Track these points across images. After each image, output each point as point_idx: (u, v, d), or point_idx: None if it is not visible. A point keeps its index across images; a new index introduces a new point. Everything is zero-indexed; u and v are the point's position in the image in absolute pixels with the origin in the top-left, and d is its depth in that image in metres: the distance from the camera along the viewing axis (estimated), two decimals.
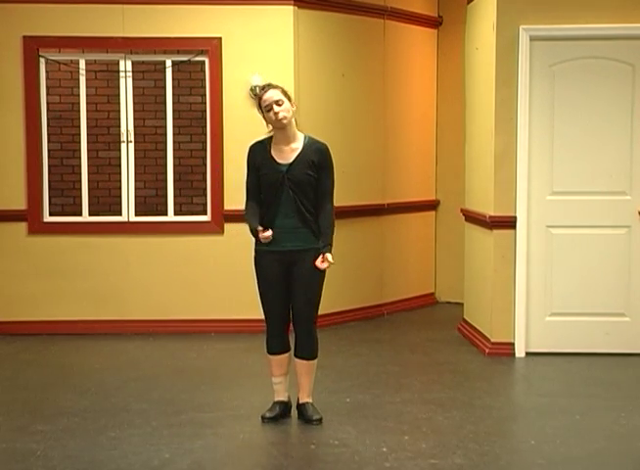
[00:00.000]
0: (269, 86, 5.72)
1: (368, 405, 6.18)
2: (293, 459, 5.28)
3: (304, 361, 5.79)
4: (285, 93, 5.67)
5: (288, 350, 5.87)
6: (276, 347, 5.85)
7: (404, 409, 6.10)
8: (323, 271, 5.72)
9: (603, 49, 7.45)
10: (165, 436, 5.52)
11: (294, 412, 5.94)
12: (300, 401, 5.85)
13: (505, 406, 6.32)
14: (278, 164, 5.63)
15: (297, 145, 5.68)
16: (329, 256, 5.69)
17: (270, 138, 5.72)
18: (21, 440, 5.46)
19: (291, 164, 5.62)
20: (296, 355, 5.81)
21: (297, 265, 5.68)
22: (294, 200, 5.61)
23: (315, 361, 5.83)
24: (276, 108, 5.57)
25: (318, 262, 5.66)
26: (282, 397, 5.90)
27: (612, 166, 7.45)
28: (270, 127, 5.69)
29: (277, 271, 5.69)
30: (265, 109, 5.60)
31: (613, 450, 5.26)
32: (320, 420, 5.74)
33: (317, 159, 5.68)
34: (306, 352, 5.78)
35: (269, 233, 5.56)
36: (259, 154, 5.69)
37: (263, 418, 5.80)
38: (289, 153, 5.65)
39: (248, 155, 5.77)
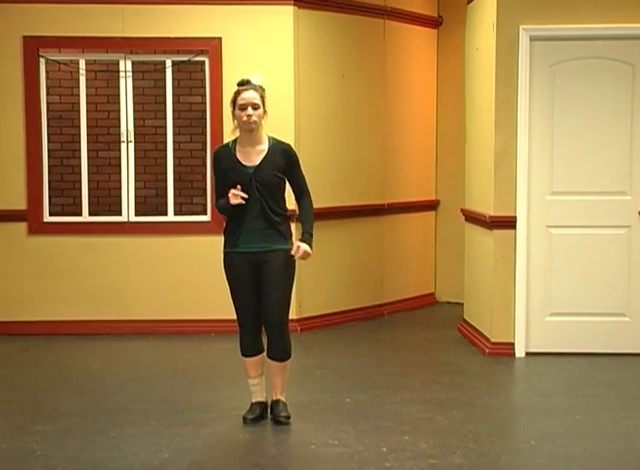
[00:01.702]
0: (249, 85, 5.65)
1: (368, 405, 6.18)
2: (292, 459, 5.28)
3: (278, 363, 5.76)
4: (262, 98, 5.63)
5: (262, 351, 5.83)
6: (250, 349, 5.80)
7: (404, 409, 6.10)
8: (292, 270, 5.70)
9: (603, 49, 7.45)
10: (165, 436, 5.52)
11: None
12: (274, 398, 5.84)
13: (505, 406, 6.32)
14: (244, 166, 5.58)
15: (263, 147, 5.61)
16: (305, 245, 5.63)
17: (235, 141, 5.66)
18: (20, 440, 5.46)
19: (257, 167, 5.57)
20: (269, 357, 5.77)
21: (266, 266, 5.63)
22: (260, 202, 5.56)
23: (289, 361, 5.81)
24: (250, 110, 5.52)
25: (294, 250, 5.62)
26: (260, 397, 5.87)
27: (612, 166, 7.44)
28: (235, 125, 5.63)
29: (246, 272, 5.66)
30: (240, 106, 5.54)
31: (613, 450, 5.26)
32: (288, 418, 5.72)
33: (284, 160, 5.63)
34: (279, 353, 5.75)
35: (240, 193, 5.49)
36: (225, 158, 5.62)
37: (245, 419, 5.77)
38: (254, 155, 5.59)
39: (213, 159, 5.76)
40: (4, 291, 8.49)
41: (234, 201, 5.50)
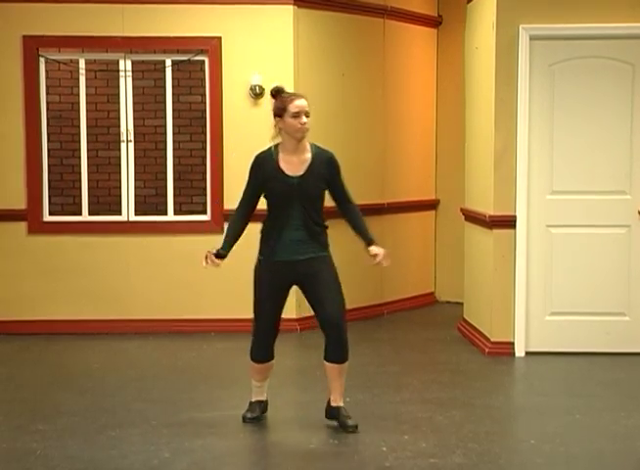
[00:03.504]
0: (295, 95, 5.51)
1: (368, 405, 6.18)
2: (292, 459, 5.28)
3: (337, 365, 5.58)
4: None
5: (272, 359, 5.76)
6: (263, 356, 5.73)
7: (404, 409, 6.10)
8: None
9: (603, 48, 7.45)
10: (165, 435, 5.51)
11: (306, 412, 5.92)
12: (333, 404, 5.65)
13: (505, 406, 6.32)
14: (287, 176, 5.44)
15: (307, 156, 5.48)
16: (382, 249, 5.74)
17: (276, 147, 5.54)
18: (20, 439, 5.46)
19: (302, 177, 5.45)
20: (328, 360, 5.58)
21: (315, 274, 5.57)
22: (303, 213, 5.48)
23: (347, 364, 5.62)
24: (304, 118, 5.39)
25: (379, 258, 5.70)
26: (262, 397, 5.85)
27: (612, 166, 7.45)
28: (276, 133, 5.51)
29: (279, 283, 5.59)
30: (293, 114, 5.38)
31: (612, 450, 5.26)
32: (357, 427, 5.53)
33: (328, 170, 5.53)
34: (340, 355, 5.55)
35: (217, 262, 5.70)
36: (267, 165, 5.49)
37: (245, 419, 5.74)
38: (299, 164, 5.46)
39: (253, 165, 5.57)
40: (4, 290, 8.49)
41: (207, 264, 5.69)
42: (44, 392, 6.59)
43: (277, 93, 5.51)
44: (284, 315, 8.60)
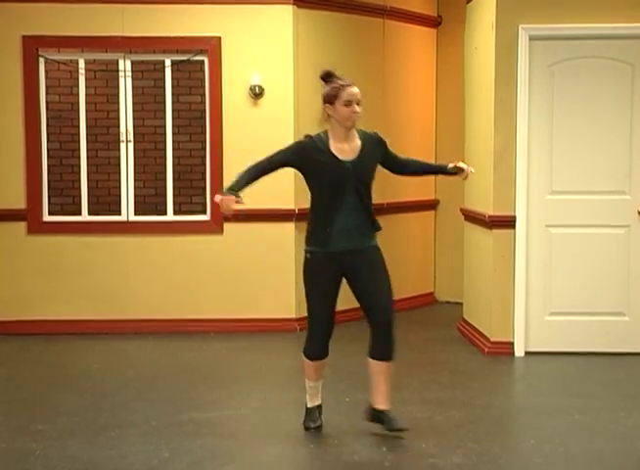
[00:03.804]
0: (347, 82, 5.34)
1: (367, 405, 6.17)
2: (291, 460, 5.29)
3: (384, 363, 5.45)
4: None
5: (327, 356, 5.63)
6: (319, 353, 5.58)
7: (404, 409, 6.09)
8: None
9: (602, 48, 7.45)
10: (165, 435, 5.52)
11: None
12: (378, 408, 5.49)
13: (504, 406, 6.32)
14: (341, 161, 5.31)
15: (357, 142, 5.38)
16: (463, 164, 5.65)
17: (325, 133, 5.39)
18: (20, 439, 5.46)
19: (356, 161, 5.33)
20: (375, 357, 5.46)
21: (367, 265, 5.41)
22: (357, 199, 5.35)
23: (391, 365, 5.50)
24: (357, 107, 5.30)
25: (466, 171, 5.60)
26: (318, 401, 5.70)
27: (611, 166, 7.45)
28: (323, 119, 5.38)
29: (332, 276, 5.41)
30: (345, 102, 5.27)
31: (612, 450, 5.26)
32: (406, 429, 5.41)
33: (379, 150, 5.44)
34: (388, 352, 5.44)
35: (237, 199, 5.38)
36: (318, 148, 5.32)
37: (308, 428, 5.58)
38: (350, 151, 5.34)
39: (299, 144, 5.43)
40: (3, 290, 8.50)
41: (226, 208, 5.36)
42: (44, 392, 6.60)
43: (328, 77, 5.37)
44: (284, 315, 8.68)
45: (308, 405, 5.70)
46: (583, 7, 7.40)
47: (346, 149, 5.35)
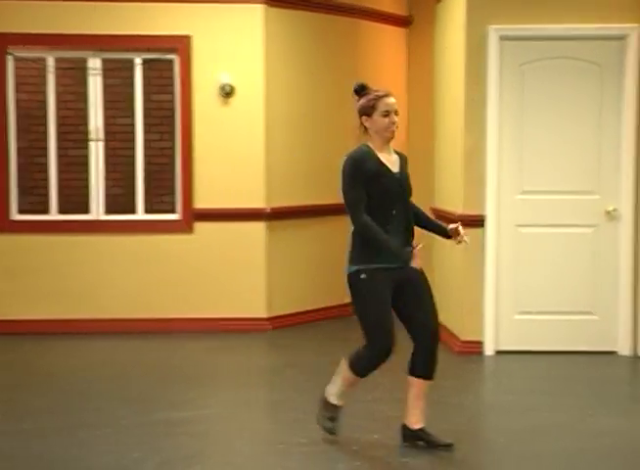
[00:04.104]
0: (384, 92, 5.18)
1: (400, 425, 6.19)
2: (262, 458, 5.29)
3: (427, 381, 5.28)
4: None
5: None
6: (372, 373, 5.35)
7: (375, 408, 6.13)
8: None
9: (572, 49, 7.51)
10: (136, 435, 5.51)
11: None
12: (414, 427, 5.27)
13: (475, 404, 6.36)
14: (392, 172, 5.17)
15: (394, 155, 5.27)
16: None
17: (367, 146, 5.20)
18: None
19: (401, 173, 5.22)
20: (418, 375, 5.24)
21: (414, 279, 5.20)
22: (405, 212, 5.20)
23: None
24: (395, 117, 5.14)
25: (462, 233, 5.29)
26: (343, 401, 5.45)
27: (580, 166, 7.51)
28: (361, 133, 5.22)
29: (389, 293, 5.15)
30: (383, 112, 5.11)
31: (580, 448, 5.30)
32: (452, 445, 5.23)
33: (406, 169, 5.33)
34: (432, 369, 5.26)
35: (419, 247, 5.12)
36: (371, 161, 5.12)
37: (331, 431, 5.39)
38: (393, 162, 5.21)
39: (355, 164, 5.15)
40: None
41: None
42: (14, 392, 6.57)
43: (362, 90, 5.23)
44: (255, 315, 8.69)
45: (337, 403, 5.42)
46: (553, 8, 7.46)
47: (391, 160, 5.21)
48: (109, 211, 8.67)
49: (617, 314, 7.60)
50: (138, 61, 8.57)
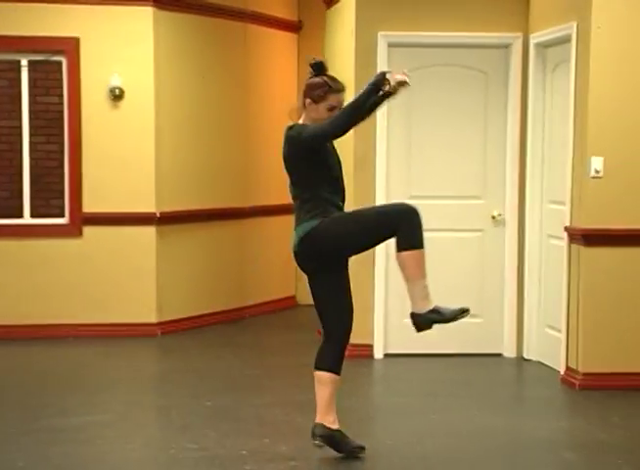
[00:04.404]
0: (340, 86, 5.13)
1: (229, 409, 6.21)
2: (152, 463, 5.28)
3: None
4: None
5: None
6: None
7: (265, 412, 6.15)
8: None
9: (458, 56, 7.67)
10: (21, 443, 5.42)
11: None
12: (335, 427, 5.22)
13: (364, 407, 6.43)
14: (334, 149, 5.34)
15: None
16: None
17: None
18: None
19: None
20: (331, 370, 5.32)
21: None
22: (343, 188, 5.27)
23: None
24: (337, 112, 5.07)
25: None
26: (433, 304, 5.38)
27: (467, 172, 7.66)
28: (299, 112, 5.15)
29: None
30: (329, 106, 5.08)
31: (465, 448, 5.42)
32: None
33: None
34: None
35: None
36: None
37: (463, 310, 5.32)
38: None
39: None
40: None
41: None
42: None
43: (320, 69, 5.15)
44: (144, 320, 8.61)
45: (429, 307, 5.32)
46: (441, 16, 7.59)
47: None
48: None
49: (502, 318, 7.79)
50: (24, 62, 8.43)
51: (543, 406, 6.55)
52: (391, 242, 5.28)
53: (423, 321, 5.19)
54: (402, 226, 4.97)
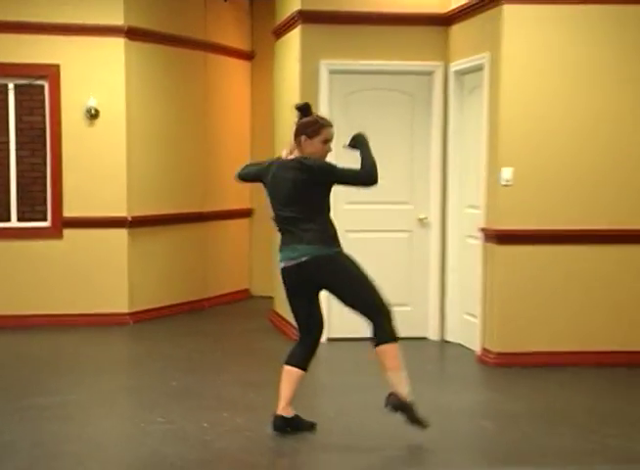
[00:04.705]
0: (328, 121, 5.17)
1: (192, 387, 6.20)
2: (123, 436, 5.27)
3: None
4: None
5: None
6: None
7: (224, 390, 6.15)
8: None
9: (389, 81, 7.72)
10: (7, 420, 5.37)
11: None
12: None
13: (310, 385, 6.38)
14: None
15: None
16: None
17: None
18: None
19: None
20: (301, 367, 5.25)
21: None
22: None
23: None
24: (330, 146, 5.13)
25: None
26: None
27: (397, 180, 7.70)
28: (294, 149, 5.10)
29: None
30: (324, 139, 5.09)
31: (397, 418, 5.39)
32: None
33: None
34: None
35: None
36: None
37: (424, 424, 4.97)
38: None
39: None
40: None
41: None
42: None
43: (306, 110, 5.15)
44: (118, 310, 8.55)
45: (408, 400, 4.98)
46: (375, 47, 7.62)
47: None
48: None
49: (427, 306, 7.85)
50: (11, 86, 8.35)
51: (462, 382, 6.63)
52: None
53: (396, 405, 5.00)
54: (383, 318, 5.04)
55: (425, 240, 7.81)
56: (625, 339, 6.91)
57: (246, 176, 5.47)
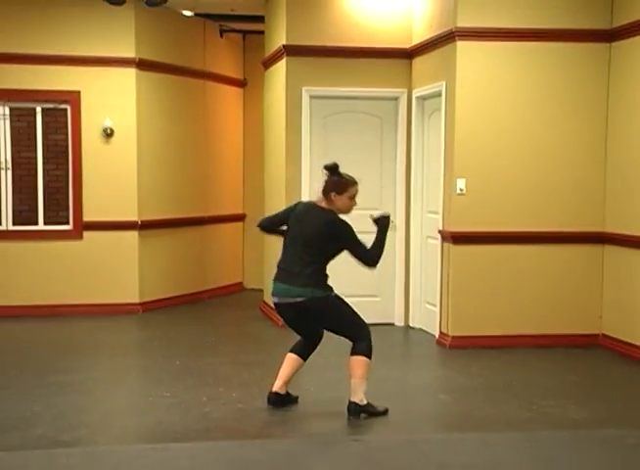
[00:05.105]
0: (354, 179, 5.00)
1: (193, 367, 6.13)
2: (132, 406, 5.20)
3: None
4: None
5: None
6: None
7: (220, 369, 6.09)
8: None
9: (361, 106, 7.67)
10: (35, 394, 5.31)
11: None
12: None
13: None
14: None
15: None
16: None
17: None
18: None
19: None
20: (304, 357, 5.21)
21: None
22: None
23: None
24: (356, 201, 5.00)
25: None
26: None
27: (367, 189, 7.54)
28: (328, 204, 4.95)
29: None
30: (350, 195, 4.96)
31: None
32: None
33: None
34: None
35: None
36: None
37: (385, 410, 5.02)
38: None
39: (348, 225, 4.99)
40: None
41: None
42: None
43: (335, 170, 5.02)
44: (130, 300, 8.47)
45: (379, 408, 5.01)
46: (348, 76, 7.57)
47: None
48: (16, 222, 8.31)
49: (393, 296, 7.81)
50: (39, 109, 8.24)
51: (423, 361, 6.59)
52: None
53: (356, 411, 4.95)
54: (364, 340, 5.02)
55: (391, 240, 7.72)
56: (564, 324, 6.90)
57: (267, 225, 5.31)
